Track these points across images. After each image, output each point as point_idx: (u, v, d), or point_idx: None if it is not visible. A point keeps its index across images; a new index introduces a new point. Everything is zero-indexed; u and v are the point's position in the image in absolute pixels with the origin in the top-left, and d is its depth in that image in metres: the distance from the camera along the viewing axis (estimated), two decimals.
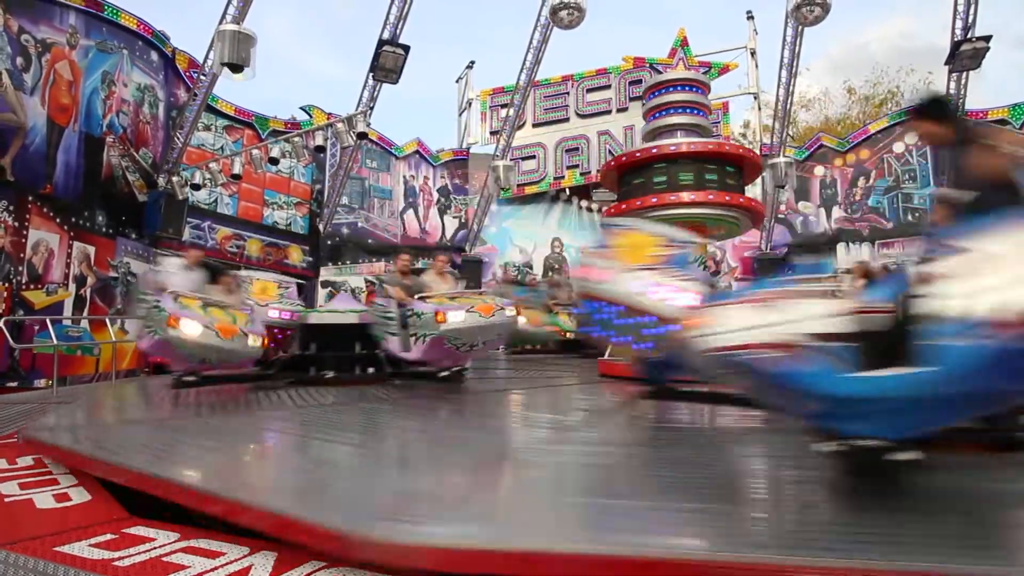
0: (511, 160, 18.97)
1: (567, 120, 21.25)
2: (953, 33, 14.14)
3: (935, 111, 3.46)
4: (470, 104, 22.16)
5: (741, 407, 5.08)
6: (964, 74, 15.04)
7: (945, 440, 3.46)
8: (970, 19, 13.85)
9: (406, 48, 14.48)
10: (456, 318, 6.80)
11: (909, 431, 2.90)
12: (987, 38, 13.91)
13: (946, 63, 14.73)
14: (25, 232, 11.27)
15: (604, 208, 12.90)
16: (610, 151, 19.47)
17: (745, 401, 4.63)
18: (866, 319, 2.99)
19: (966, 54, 14.05)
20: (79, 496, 3.66)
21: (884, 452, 2.78)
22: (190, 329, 6.44)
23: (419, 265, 9.36)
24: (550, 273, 20.41)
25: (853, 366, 2.99)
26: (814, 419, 3.28)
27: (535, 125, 21.27)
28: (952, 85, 15.38)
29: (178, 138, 14.34)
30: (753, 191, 15.43)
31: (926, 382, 2.70)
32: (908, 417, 2.89)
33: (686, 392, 5.85)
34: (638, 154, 10.01)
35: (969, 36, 13.92)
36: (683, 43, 19.89)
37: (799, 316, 2.97)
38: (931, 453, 3.16)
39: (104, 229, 12.91)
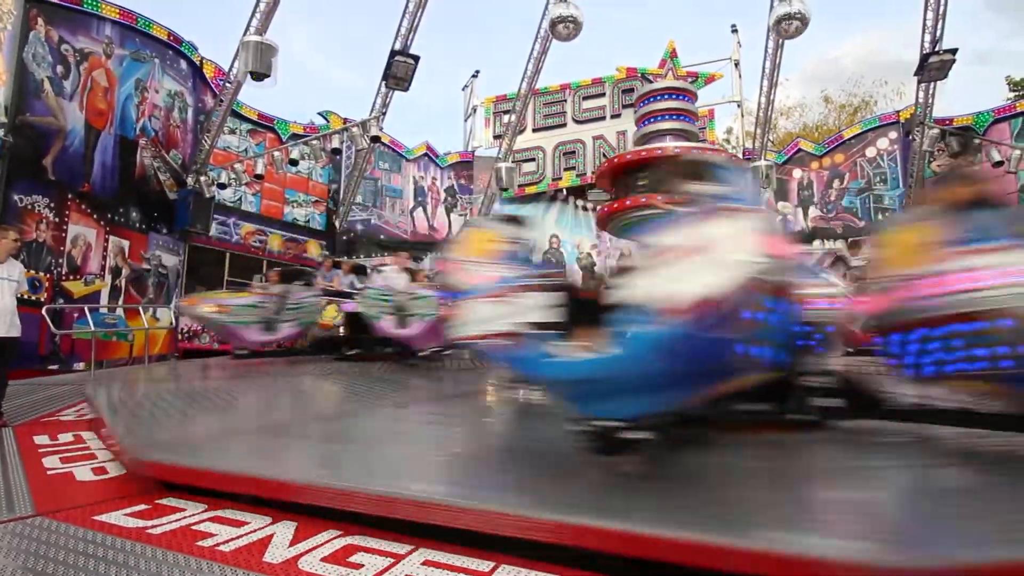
0: (513, 162, 18.93)
1: (565, 126, 21.15)
2: (922, 46, 14.05)
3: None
4: (475, 110, 22.07)
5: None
6: (932, 84, 14.95)
7: (737, 421, 3.80)
8: (938, 33, 13.77)
9: (416, 58, 14.42)
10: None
11: (634, 412, 2.91)
12: (953, 51, 13.82)
13: (915, 74, 14.63)
14: (65, 227, 11.28)
15: (598, 207, 12.87)
16: (604, 154, 19.37)
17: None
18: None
19: (934, 65, 13.96)
20: (115, 469, 3.69)
21: (618, 431, 2.85)
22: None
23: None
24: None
25: (558, 351, 3.10)
26: (564, 401, 3.44)
27: (535, 130, 21.17)
28: (921, 95, 15.30)
29: (205, 141, 14.31)
30: None
31: (612, 365, 2.81)
32: (619, 399, 2.90)
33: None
34: (629, 156, 10.00)
35: (937, 49, 13.84)
36: (672, 55, 19.76)
37: (521, 308, 3.15)
38: (720, 432, 3.74)
39: (137, 224, 12.91)
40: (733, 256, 2.63)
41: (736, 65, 20.23)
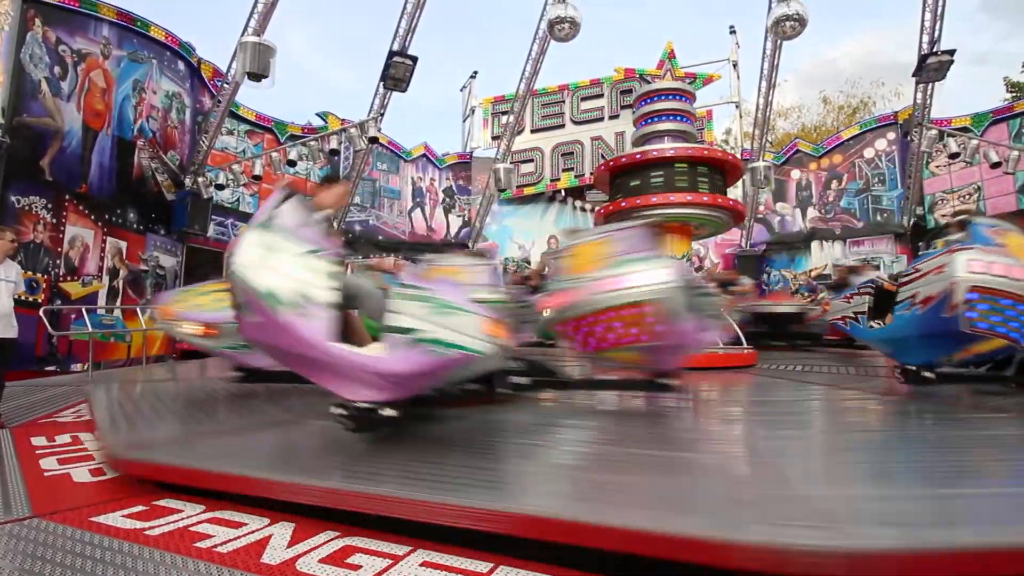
0: (511, 163, 18.95)
1: (563, 126, 21.18)
2: (920, 47, 14.08)
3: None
4: (473, 111, 22.09)
5: None
6: (930, 85, 14.99)
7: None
8: (936, 34, 13.80)
9: (414, 59, 14.44)
10: None
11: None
12: (951, 52, 13.85)
13: (913, 75, 14.66)
14: (62, 228, 11.26)
15: (597, 208, 12.88)
16: (603, 155, 19.41)
17: None
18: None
19: (932, 66, 13.99)
20: (113, 471, 3.67)
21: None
22: None
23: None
24: (546, 268, 20.39)
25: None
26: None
27: (533, 131, 21.20)
28: (919, 95, 15.33)
29: (203, 142, 14.31)
30: (735, 192, 15.42)
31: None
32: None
33: None
34: (623, 159, 10.00)
35: (935, 50, 13.87)
36: (671, 55, 19.78)
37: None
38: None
39: (135, 225, 12.90)
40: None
41: (734, 66, 20.29)
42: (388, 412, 3.46)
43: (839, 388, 6.68)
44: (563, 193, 21.06)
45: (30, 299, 10.40)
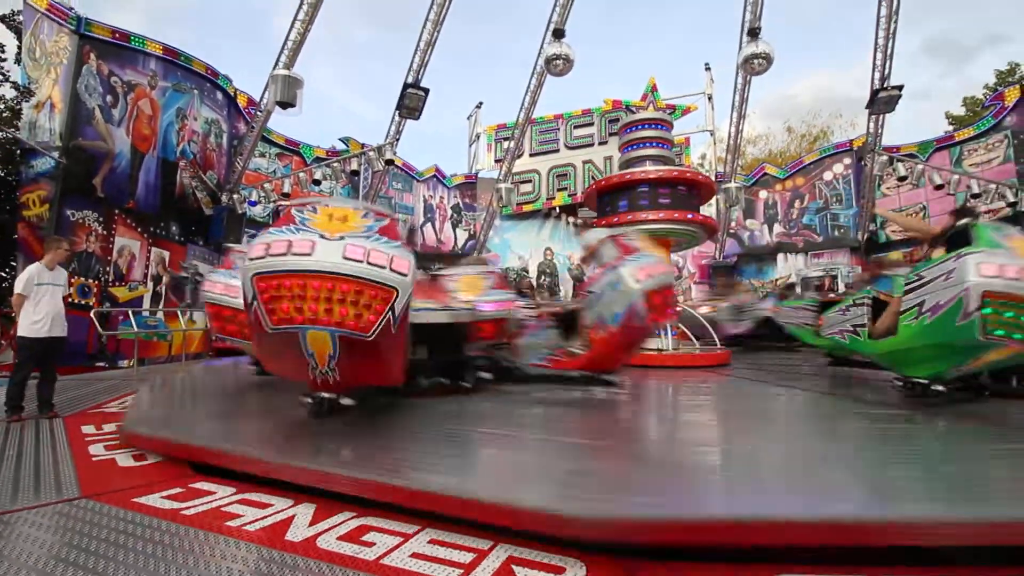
0: (511, 183, 18.95)
1: (558, 151, 21.21)
2: (872, 82, 14.12)
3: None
4: (478, 137, 22.12)
5: None
6: (881, 116, 15.03)
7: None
8: (886, 72, 13.85)
9: (426, 91, 14.46)
10: None
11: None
12: (900, 87, 13.89)
13: (867, 107, 14.70)
14: (112, 239, 11.26)
15: (584, 224, 12.89)
16: (592, 176, 19.44)
17: None
18: None
19: (883, 100, 14.02)
20: (153, 456, 3.65)
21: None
22: None
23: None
24: (542, 277, 20.45)
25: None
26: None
27: (531, 155, 21.23)
28: (871, 125, 15.38)
29: (238, 163, 14.31)
30: (709, 210, 15.42)
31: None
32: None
33: None
34: (611, 180, 9.99)
35: (885, 85, 13.92)
36: (653, 89, 19.86)
37: None
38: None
39: (177, 237, 12.89)
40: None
41: (709, 99, 20.36)
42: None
43: (792, 386, 6.07)
44: (557, 210, 21.06)
45: (82, 302, 10.39)
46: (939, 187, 14.74)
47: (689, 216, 9.28)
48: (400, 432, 3.71)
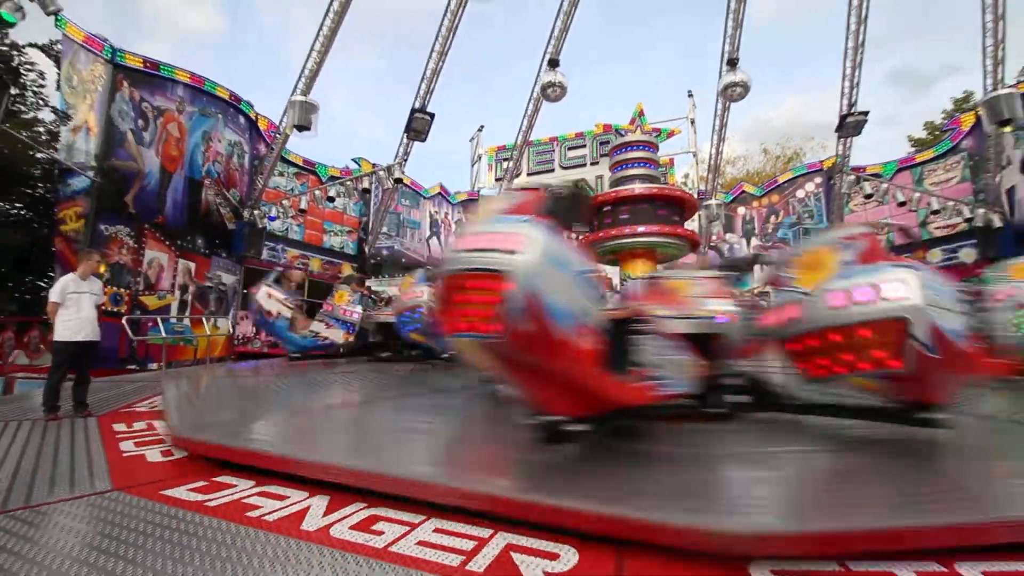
0: None
1: (553, 171, 21.30)
2: (841, 108, 14.25)
3: None
4: (480, 158, 22.22)
5: None
6: (848, 139, 15.15)
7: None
8: (853, 99, 13.98)
9: (432, 115, 14.55)
10: None
11: None
12: (865, 112, 14.02)
13: (836, 131, 14.83)
14: (142, 252, 11.28)
15: (580, 237, 12.92)
16: None
17: None
18: None
19: (850, 124, 14.14)
20: (180, 452, 3.65)
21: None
22: None
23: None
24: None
25: None
26: None
27: (529, 174, 21.31)
28: (840, 148, 15.49)
29: (259, 181, 14.36)
30: (692, 225, 15.48)
31: None
32: None
33: None
34: (603, 197, 10.04)
35: (853, 111, 14.04)
36: (640, 113, 19.99)
37: None
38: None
39: (202, 250, 12.90)
40: None
41: (692, 123, 20.48)
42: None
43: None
44: None
45: (114, 309, 10.38)
46: (902, 204, 14.82)
47: (674, 231, 9.32)
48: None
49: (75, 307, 5.13)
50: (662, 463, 2.99)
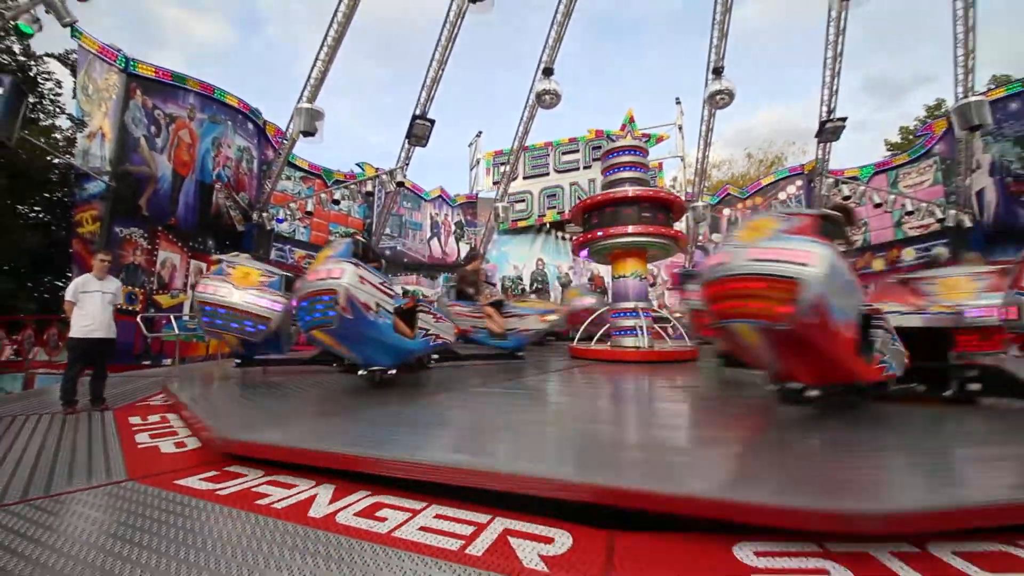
0: (508, 202, 19.00)
1: (548, 174, 21.31)
2: (820, 115, 14.29)
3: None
4: (478, 162, 22.19)
5: None
6: (828, 144, 15.19)
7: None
8: (831, 106, 14.01)
9: (432, 121, 14.52)
10: None
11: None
12: (844, 119, 14.06)
13: (816, 136, 14.87)
14: (155, 253, 11.23)
15: (573, 237, 12.93)
16: (578, 196, 19.52)
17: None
18: None
19: (829, 130, 14.18)
20: (192, 443, 3.64)
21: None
22: None
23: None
24: (534, 284, 20.49)
25: None
26: None
27: (525, 177, 21.32)
28: (819, 152, 15.53)
29: (267, 185, 14.31)
30: (680, 226, 15.49)
31: None
32: None
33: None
34: (595, 199, 10.05)
35: (831, 117, 14.07)
36: (631, 120, 20.00)
37: None
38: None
39: (213, 251, 12.86)
40: None
41: (679, 128, 20.52)
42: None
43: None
44: (548, 226, 21.14)
45: (129, 308, 10.35)
46: (878, 205, 14.89)
47: (663, 231, 9.33)
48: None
49: (89, 305, 5.11)
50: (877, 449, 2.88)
